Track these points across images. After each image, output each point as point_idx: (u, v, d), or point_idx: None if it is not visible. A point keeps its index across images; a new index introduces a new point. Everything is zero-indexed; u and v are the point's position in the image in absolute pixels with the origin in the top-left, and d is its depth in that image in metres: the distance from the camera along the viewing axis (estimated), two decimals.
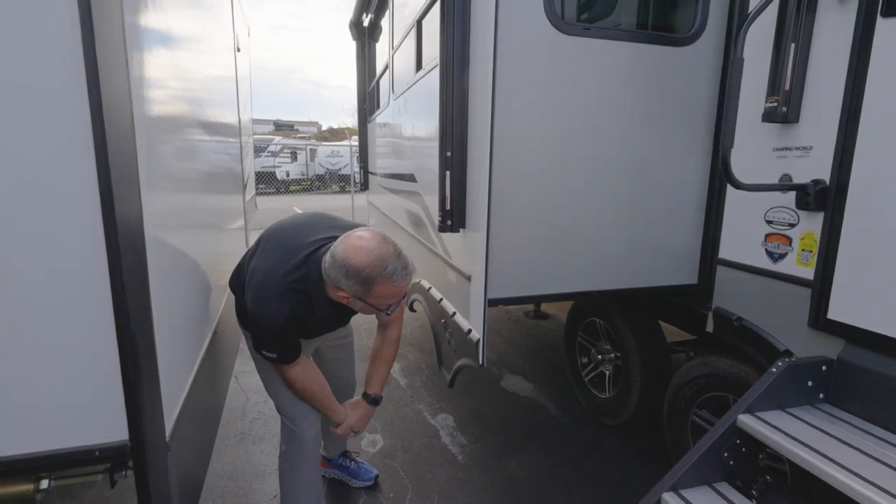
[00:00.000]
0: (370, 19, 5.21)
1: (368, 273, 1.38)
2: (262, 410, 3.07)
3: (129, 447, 1.00)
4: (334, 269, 1.42)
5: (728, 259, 2.01)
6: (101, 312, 0.98)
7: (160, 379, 1.07)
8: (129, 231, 1.02)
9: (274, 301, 1.48)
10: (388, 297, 1.46)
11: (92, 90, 0.94)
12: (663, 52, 1.92)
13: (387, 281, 1.40)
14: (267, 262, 1.56)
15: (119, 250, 0.97)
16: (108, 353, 0.98)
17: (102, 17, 0.96)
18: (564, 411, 3.13)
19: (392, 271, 1.40)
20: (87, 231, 0.96)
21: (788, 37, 1.62)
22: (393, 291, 1.44)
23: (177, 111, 1.63)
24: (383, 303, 1.49)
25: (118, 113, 1.01)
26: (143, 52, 1.23)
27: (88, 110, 0.95)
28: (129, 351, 0.97)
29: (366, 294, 1.43)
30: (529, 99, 1.82)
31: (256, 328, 1.56)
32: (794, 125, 1.69)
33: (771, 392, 1.52)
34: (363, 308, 1.52)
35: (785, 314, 1.77)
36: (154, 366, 1.05)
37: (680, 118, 2.00)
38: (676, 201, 2.07)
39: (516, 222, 1.88)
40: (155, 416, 1.06)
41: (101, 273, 0.97)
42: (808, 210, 1.63)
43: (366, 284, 1.40)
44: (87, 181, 0.96)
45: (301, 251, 1.52)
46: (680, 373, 2.28)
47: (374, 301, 1.46)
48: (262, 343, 1.58)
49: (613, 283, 2.06)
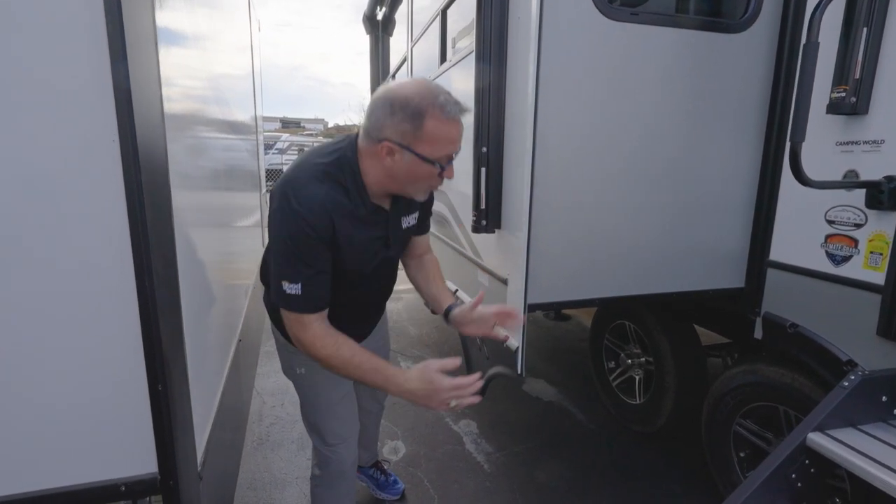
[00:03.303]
0: (384, 13, 5.09)
1: (418, 102, 1.12)
2: (279, 415, 2.98)
3: (158, 480, 0.90)
4: (376, 111, 1.16)
5: (780, 261, 1.88)
6: (129, 331, 0.87)
7: (192, 401, 0.97)
8: (161, 244, 0.93)
9: (305, 186, 1.17)
10: (443, 138, 1.16)
11: (121, 87, 0.86)
12: (714, 39, 1.79)
13: (440, 112, 1.13)
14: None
15: (151, 269, 0.87)
16: (135, 377, 0.87)
17: (133, 16, 0.88)
18: (590, 417, 3.01)
19: (444, 101, 1.14)
20: (116, 247, 0.87)
21: (860, 20, 1.49)
22: (447, 130, 1.15)
23: (202, 109, 1.54)
24: (437, 150, 1.16)
25: (149, 111, 0.93)
26: (171, 49, 1.14)
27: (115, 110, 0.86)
28: (160, 375, 0.87)
29: (415, 134, 1.13)
30: (572, 90, 1.70)
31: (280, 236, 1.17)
32: (862, 117, 1.55)
33: (842, 408, 1.40)
34: (410, 169, 1.19)
35: (848, 321, 1.64)
36: (185, 387, 0.95)
37: (730, 109, 1.87)
38: (724, 199, 1.95)
39: (556, 222, 1.76)
40: (187, 443, 0.96)
41: (129, 287, 0.88)
42: (879, 209, 1.50)
43: (416, 119, 1.12)
44: (115, 204, 0.87)
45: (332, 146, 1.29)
46: (722, 380, 2.16)
47: (426, 148, 1.15)
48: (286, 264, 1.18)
49: (657, 287, 1.93)
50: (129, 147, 0.86)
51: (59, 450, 0.90)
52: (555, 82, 1.65)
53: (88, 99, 0.87)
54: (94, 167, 0.88)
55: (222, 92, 2.01)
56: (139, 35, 0.90)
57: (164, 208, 1.00)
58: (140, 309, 0.86)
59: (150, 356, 0.87)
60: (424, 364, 1.21)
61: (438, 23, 2.71)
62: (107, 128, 0.86)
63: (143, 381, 0.88)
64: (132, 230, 0.88)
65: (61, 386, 0.89)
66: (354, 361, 1.21)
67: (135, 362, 0.88)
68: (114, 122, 0.86)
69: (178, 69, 1.22)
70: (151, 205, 0.91)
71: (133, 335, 0.87)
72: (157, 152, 0.97)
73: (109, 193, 0.88)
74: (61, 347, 0.89)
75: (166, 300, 0.91)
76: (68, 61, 0.86)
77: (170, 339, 0.91)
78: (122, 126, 0.86)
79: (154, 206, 0.92)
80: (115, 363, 0.89)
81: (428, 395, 1.18)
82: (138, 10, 0.90)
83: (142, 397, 0.89)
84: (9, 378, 0.87)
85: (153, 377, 0.87)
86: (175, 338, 0.95)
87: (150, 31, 0.96)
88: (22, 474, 0.89)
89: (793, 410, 1.87)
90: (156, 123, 0.97)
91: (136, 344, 0.87)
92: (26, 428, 0.89)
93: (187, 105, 1.33)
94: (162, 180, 1.00)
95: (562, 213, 1.76)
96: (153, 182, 0.93)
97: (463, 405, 1.20)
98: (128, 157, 0.86)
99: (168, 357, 0.89)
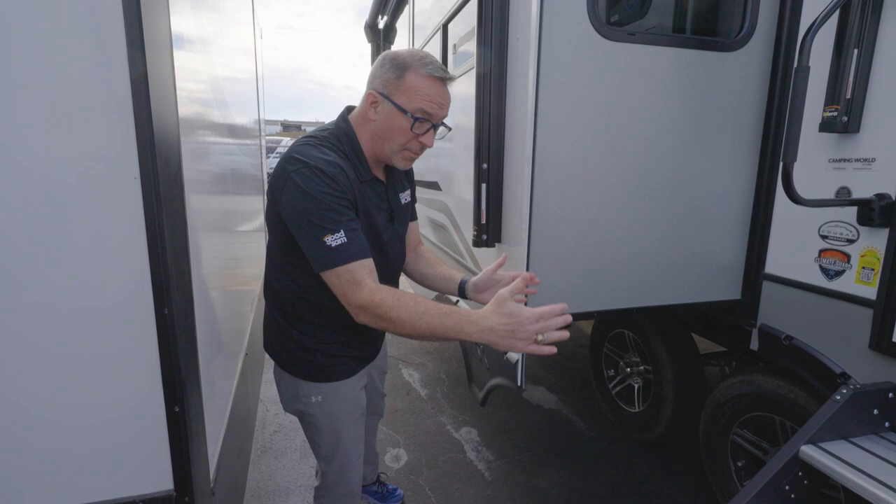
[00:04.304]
0: (386, 21, 5.14)
1: (405, 58, 1.23)
2: (282, 423, 3.01)
3: (174, 498, 0.94)
4: (371, 71, 1.27)
5: (775, 274, 1.91)
6: (147, 354, 0.91)
7: (205, 418, 1.00)
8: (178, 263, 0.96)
9: (309, 155, 1.18)
10: (419, 90, 1.21)
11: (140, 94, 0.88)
12: (710, 58, 1.83)
13: (421, 67, 1.21)
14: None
15: (171, 297, 0.90)
16: (153, 398, 0.91)
17: (151, 24, 0.91)
18: (591, 425, 3.04)
19: (430, 61, 1.23)
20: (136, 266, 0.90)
21: (851, 42, 1.53)
22: (425, 83, 1.21)
23: (208, 113, 1.57)
24: (412, 101, 1.21)
25: (166, 120, 0.96)
26: (185, 55, 1.17)
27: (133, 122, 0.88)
28: (178, 396, 0.91)
29: (396, 84, 1.21)
30: (570, 108, 1.73)
31: (304, 200, 1.13)
32: (854, 135, 1.59)
33: (835, 421, 1.43)
34: (388, 121, 1.24)
35: (841, 334, 1.67)
36: (200, 405, 0.99)
37: (726, 126, 1.91)
38: (720, 213, 1.98)
39: (555, 237, 1.80)
40: (200, 460, 1.00)
41: (146, 301, 0.91)
42: (871, 226, 1.54)
43: (399, 70, 1.22)
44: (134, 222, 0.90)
45: (321, 128, 1.34)
46: (719, 390, 2.20)
47: (403, 98, 1.21)
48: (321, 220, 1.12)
49: (656, 299, 1.97)
50: (148, 158, 0.89)
51: (76, 468, 0.94)
52: (554, 100, 1.69)
53: (105, 114, 0.89)
54: (113, 182, 0.90)
55: (226, 96, 2.05)
56: (157, 40, 0.93)
57: (179, 221, 1.03)
58: (158, 331, 0.90)
59: (168, 378, 0.91)
60: (496, 296, 1.06)
61: (440, 36, 2.76)
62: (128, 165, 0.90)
63: (160, 402, 0.92)
64: (150, 246, 0.90)
65: (80, 405, 0.92)
66: (420, 308, 1.07)
67: (152, 383, 0.91)
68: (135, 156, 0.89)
69: (188, 73, 1.26)
70: (169, 221, 0.93)
71: (151, 358, 0.90)
72: (172, 161, 1.00)
73: (127, 214, 0.90)
74: (80, 369, 0.92)
75: (183, 325, 0.95)
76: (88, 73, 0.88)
77: (186, 360, 0.94)
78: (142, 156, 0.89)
79: (171, 224, 0.94)
80: (133, 385, 0.92)
81: (511, 331, 1.02)
82: (155, 17, 0.94)
83: (159, 417, 0.92)
84: (29, 398, 0.91)
85: (170, 398, 0.91)
86: (190, 359, 0.98)
87: (166, 38, 0.99)
88: (41, 492, 0.93)
89: (789, 421, 1.91)
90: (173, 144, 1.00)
91: (153, 366, 0.90)
92: (45, 446, 0.93)
93: (196, 110, 1.36)
94: (178, 189, 1.03)
95: (561, 227, 1.79)
96: (170, 194, 0.96)
97: (552, 339, 1.03)
98: (146, 166, 0.89)
99: (185, 378, 0.92)
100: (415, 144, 1.28)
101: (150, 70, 0.89)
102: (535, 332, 1.02)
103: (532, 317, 1.02)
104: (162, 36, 0.98)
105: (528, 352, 1.03)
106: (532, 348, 1.02)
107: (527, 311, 1.02)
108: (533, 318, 1.02)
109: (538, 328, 1.02)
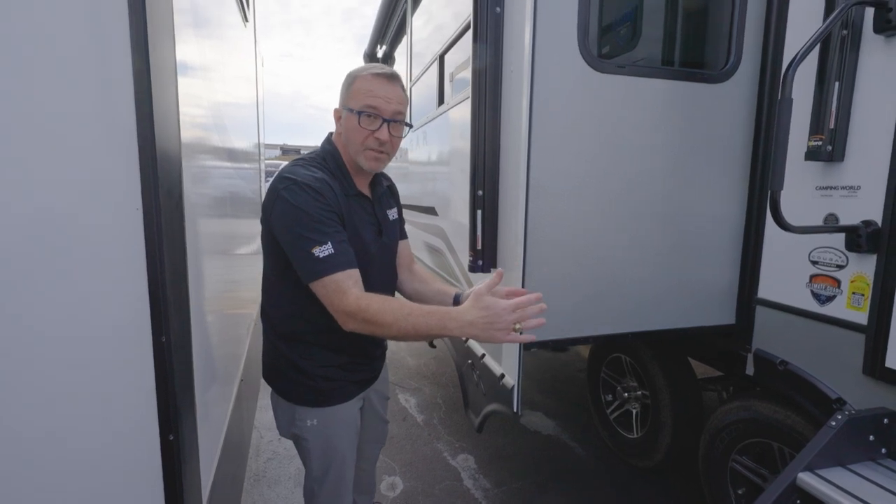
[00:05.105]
0: (385, 50, 5.27)
1: (353, 71, 1.35)
2: (276, 450, 2.96)
3: None
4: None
5: (768, 299, 1.93)
6: (144, 381, 0.91)
7: (199, 445, 1.00)
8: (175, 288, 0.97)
9: (298, 173, 1.26)
10: (363, 90, 1.31)
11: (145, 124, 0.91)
12: (698, 89, 1.89)
13: (365, 72, 1.32)
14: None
15: (169, 328, 0.91)
16: (148, 426, 0.91)
17: (157, 54, 0.94)
18: (589, 451, 3.01)
19: (373, 66, 1.34)
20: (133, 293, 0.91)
21: (832, 75, 1.59)
22: (368, 83, 1.30)
23: (211, 140, 1.61)
24: (359, 101, 1.30)
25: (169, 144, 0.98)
26: (189, 82, 1.21)
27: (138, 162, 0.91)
28: (172, 425, 0.90)
29: (348, 93, 1.33)
30: (563, 137, 1.78)
31: (293, 214, 1.19)
32: (839, 164, 1.63)
33: (831, 448, 1.43)
34: (348, 128, 1.33)
35: (836, 360, 1.68)
36: (194, 434, 0.98)
37: (715, 155, 1.95)
38: (712, 239, 2.01)
39: (550, 263, 1.82)
40: (193, 489, 0.99)
41: (144, 328, 0.91)
42: (859, 252, 1.57)
43: (349, 81, 1.34)
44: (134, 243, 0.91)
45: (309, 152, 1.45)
46: (717, 416, 2.18)
47: (352, 101, 1.31)
48: (310, 233, 1.17)
49: (651, 324, 1.98)
50: (151, 188, 0.91)
51: (68, 496, 0.93)
52: (547, 129, 1.73)
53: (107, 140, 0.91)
54: (115, 210, 0.91)
55: (226, 121, 2.09)
56: (163, 70, 0.96)
57: (178, 249, 1.04)
58: (155, 359, 0.90)
59: (163, 406, 0.91)
60: (474, 292, 1.15)
61: (437, 66, 2.84)
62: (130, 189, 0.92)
63: (154, 430, 0.91)
64: (150, 274, 0.91)
65: (73, 432, 0.92)
66: (405, 309, 1.13)
67: (147, 411, 0.91)
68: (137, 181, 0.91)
69: (191, 99, 1.30)
70: (169, 249, 0.94)
71: (147, 386, 0.90)
72: (174, 191, 1.02)
73: (129, 243, 0.92)
74: (75, 395, 0.92)
75: (180, 352, 0.95)
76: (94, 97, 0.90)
77: (182, 388, 0.94)
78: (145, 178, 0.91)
79: (171, 251, 0.96)
80: (128, 412, 0.92)
81: (489, 322, 1.09)
82: (162, 46, 0.98)
83: (153, 446, 0.92)
84: (22, 423, 0.90)
85: (165, 426, 0.91)
86: (186, 386, 0.98)
87: (171, 67, 1.03)
88: None
89: (787, 447, 1.89)
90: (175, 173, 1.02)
91: (149, 394, 0.90)
92: (37, 473, 0.92)
93: (197, 135, 1.40)
94: (178, 217, 1.05)
95: (556, 253, 1.82)
96: (171, 222, 0.97)
97: (530, 327, 1.11)
98: (148, 196, 0.90)
99: (180, 406, 0.92)
100: (371, 141, 1.33)
101: (156, 98, 0.92)
102: (512, 321, 1.09)
103: (508, 307, 1.09)
104: (167, 65, 1.02)
105: (507, 341, 1.10)
106: (511, 337, 1.09)
107: (503, 303, 1.08)
108: (509, 309, 1.09)
109: (515, 318, 1.09)
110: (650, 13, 2.11)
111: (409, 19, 3.66)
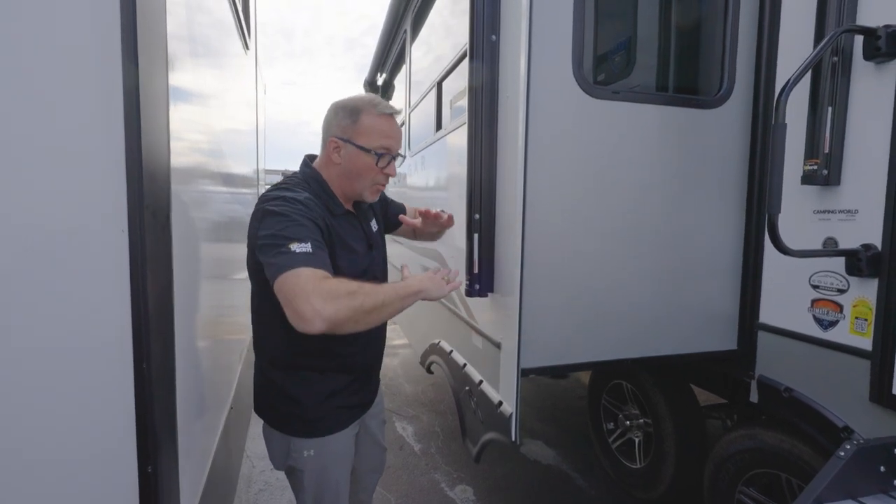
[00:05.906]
0: (384, 78, 5.37)
1: (356, 103, 1.38)
2: (268, 480, 2.87)
3: None
4: (326, 118, 1.42)
5: (770, 324, 1.90)
6: (121, 401, 0.87)
7: (180, 479, 0.95)
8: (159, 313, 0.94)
9: (284, 195, 1.27)
10: (376, 130, 1.37)
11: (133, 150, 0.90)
12: (693, 115, 1.90)
13: (373, 108, 1.37)
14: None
15: (150, 353, 0.88)
16: (125, 456, 0.87)
17: (148, 82, 0.94)
18: (591, 482, 2.92)
19: (378, 102, 1.40)
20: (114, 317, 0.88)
21: (825, 100, 1.60)
22: (380, 122, 1.37)
23: (206, 165, 1.61)
24: (372, 140, 1.36)
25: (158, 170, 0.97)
26: (183, 108, 1.21)
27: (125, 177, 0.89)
28: (151, 456, 0.86)
29: (354, 128, 1.36)
30: (559, 162, 1.79)
31: (279, 220, 1.19)
32: (835, 188, 1.63)
33: (841, 479, 1.37)
34: (353, 161, 1.36)
35: (841, 387, 1.64)
36: (175, 465, 0.94)
37: (713, 178, 1.96)
38: (713, 263, 2.00)
39: (548, 287, 1.80)
40: None
41: (126, 353, 0.88)
42: (860, 276, 1.55)
43: (354, 115, 1.37)
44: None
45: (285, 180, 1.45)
46: (721, 445, 2.12)
47: (363, 139, 1.36)
48: (292, 231, 1.17)
49: (651, 350, 1.94)
50: (137, 210, 0.89)
51: None
52: (543, 154, 1.74)
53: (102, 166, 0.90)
54: (99, 232, 0.89)
55: (223, 146, 2.10)
56: (154, 95, 0.95)
57: (164, 273, 1.02)
58: (136, 386, 0.87)
59: (142, 436, 0.87)
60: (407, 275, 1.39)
61: (435, 93, 2.88)
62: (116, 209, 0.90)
63: (132, 462, 0.87)
64: (133, 298, 0.89)
65: (46, 462, 0.87)
66: (364, 288, 1.16)
67: (125, 441, 0.87)
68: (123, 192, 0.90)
69: (185, 125, 1.30)
70: (153, 272, 0.92)
71: (126, 414, 0.87)
72: (160, 214, 1.00)
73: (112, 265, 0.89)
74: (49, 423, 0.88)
75: (162, 379, 0.92)
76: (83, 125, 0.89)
77: (162, 416, 0.91)
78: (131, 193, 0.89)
79: (155, 275, 0.94)
80: (105, 442, 0.88)
81: (430, 279, 1.33)
82: (153, 73, 0.97)
83: (130, 478, 0.87)
84: None
85: (143, 457, 0.87)
86: (167, 415, 0.95)
87: (163, 92, 1.03)
88: None
89: (794, 478, 1.83)
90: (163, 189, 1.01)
91: (128, 423, 0.87)
92: None
93: (189, 160, 1.40)
94: (165, 241, 1.03)
95: (553, 277, 1.80)
96: (157, 246, 0.96)
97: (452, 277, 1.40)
98: (134, 219, 0.88)
99: (160, 436, 0.89)
100: (381, 177, 1.43)
101: (144, 121, 0.91)
102: (441, 277, 1.36)
103: (431, 270, 1.40)
104: (159, 90, 1.02)
105: (448, 290, 1.36)
106: (449, 287, 1.37)
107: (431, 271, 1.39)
108: (433, 272, 1.39)
109: (440, 275, 1.38)
110: (644, 41, 2.15)
111: (409, 48, 3.74)
